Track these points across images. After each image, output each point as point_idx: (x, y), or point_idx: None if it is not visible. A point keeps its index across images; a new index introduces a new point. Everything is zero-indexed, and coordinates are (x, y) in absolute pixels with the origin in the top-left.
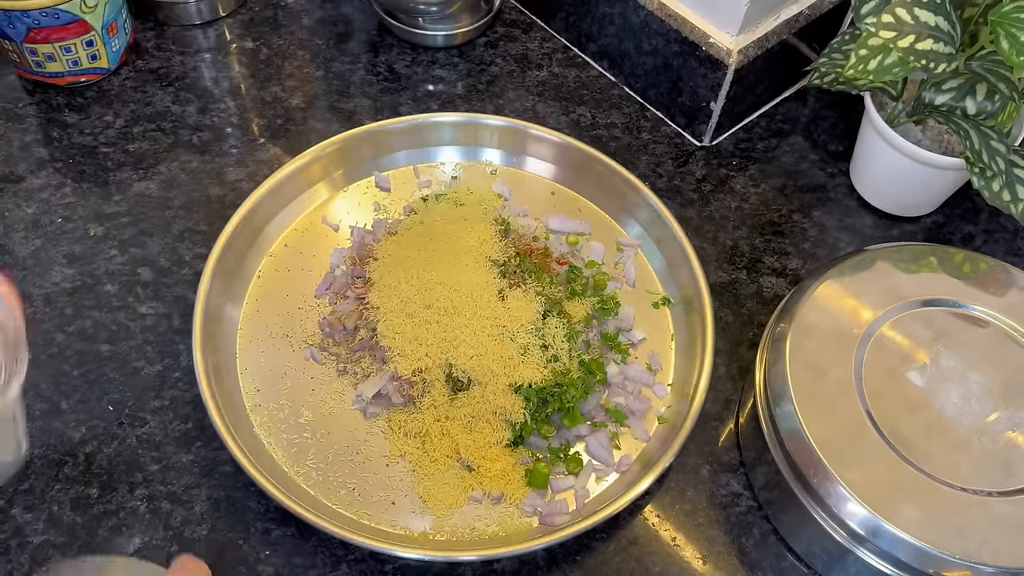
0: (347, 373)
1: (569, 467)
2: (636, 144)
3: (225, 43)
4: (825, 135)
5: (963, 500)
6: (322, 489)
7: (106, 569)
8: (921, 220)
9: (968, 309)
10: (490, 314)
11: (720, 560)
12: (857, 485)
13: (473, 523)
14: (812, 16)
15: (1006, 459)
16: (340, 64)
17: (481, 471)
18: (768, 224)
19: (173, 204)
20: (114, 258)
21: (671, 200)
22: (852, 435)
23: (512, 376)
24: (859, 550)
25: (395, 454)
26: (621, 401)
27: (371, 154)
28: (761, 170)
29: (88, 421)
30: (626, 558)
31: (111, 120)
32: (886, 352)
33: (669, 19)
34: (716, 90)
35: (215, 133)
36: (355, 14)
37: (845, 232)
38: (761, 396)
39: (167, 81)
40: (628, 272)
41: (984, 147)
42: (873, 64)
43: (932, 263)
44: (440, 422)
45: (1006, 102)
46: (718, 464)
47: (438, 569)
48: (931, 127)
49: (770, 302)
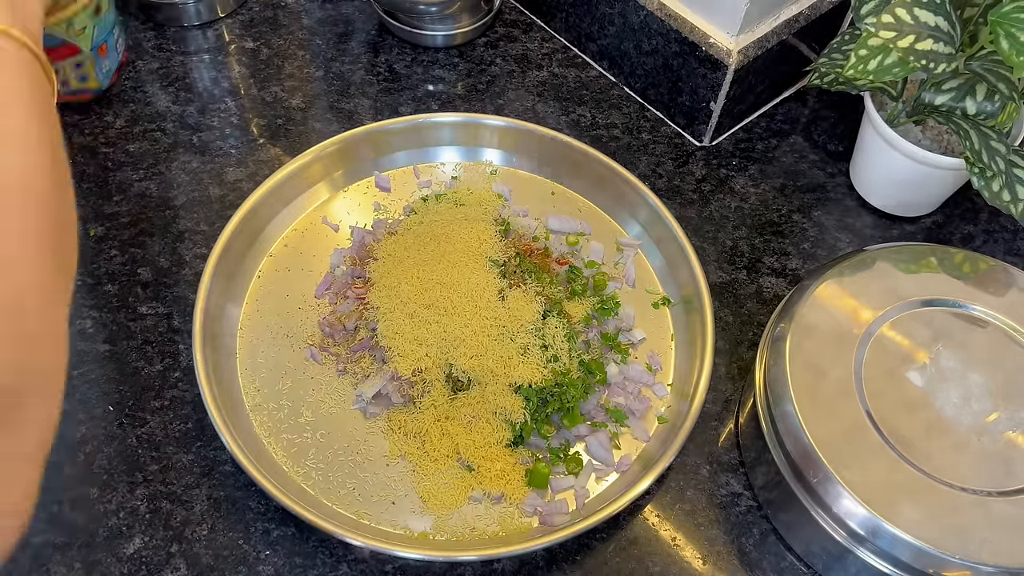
0: (347, 373)
1: (569, 467)
2: (636, 144)
3: (225, 43)
4: (825, 135)
5: (963, 500)
6: (322, 489)
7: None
8: (921, 220)
9: (968, 309)
10: (490, 314)
11: (720, 560)
12: (857, 485)
13: (473, 523)
14: (812, 16)
15: (1006, 459)
16: (340, 64)
17: (481, 471)
18: (768, 224)
19: (173, 204)
20: (114, 258)
21: (671, 200)
22: (852, 435)
23: (512, 376)
24: (859, 550)
25: (395, 454)
26: (621, 401)
27: (371, 154)
28: (761, 170)
29: (88, 421)
30: (626, 558)
31: (111, 120)
32: (886, 352)
33: (669, 19)
34: (716, 90)
35: (215, 133)
36: (355, 14)
37: (845, 232)
38: (761, 396)
39: (167, 81)
40: (628, 272)
41: (984, 147)
42: (873, 64)
43: (932, 263)
44: (440, 422)
45: (1006, 102)
46: (718, 464)
47: (438, 569)
48: (931, 127)
49: (770, 302)
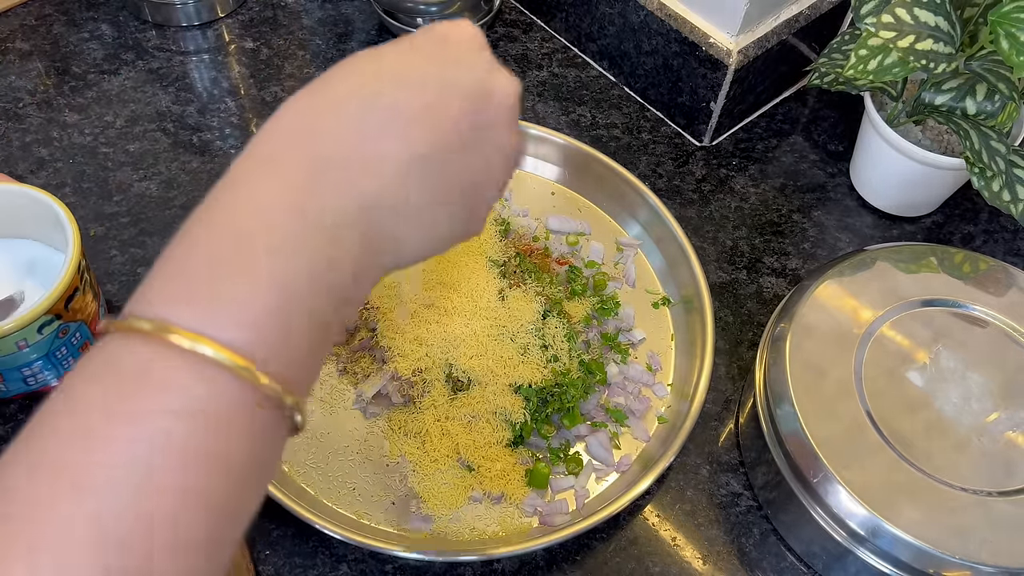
0: (347, 373)
1: (569, 467)
2: (636, 144)
3: (225, 43)
4: (825, 135)
5: (963, 500)
6: (322, 489)
7: None
8: (921, 220)
9: (968, 309)
10: (490, 314)
11: (720, 560)
12: (857, 485)
13: (473, 523)
14: (812, 16)
15: (1006, 459)
16: None
17: (481, 471)
18: (768, 224)
19: (173, 204)
20: (114, 258)
21: (671, 200)
22: (852, 435)
23: (512, 376)
24: (859, 550)
25: (395, 454)
26: (621, 401)
27: None
28: (761, 170)
29: None
30: (626, 558)
31: (111, 120)
32: (886, 352)
33: (669, 19)
34: (716, 90)
35: (215, 133)
36: (355, 14)
37: (845, 232)
38: (761, 396)
39: (167, 81)
40: (628, 272)
41: (984, 147)
42: (873, 64)
43: (932, 263)
44: (440, 422)
45: (1006, 102)
46: (718, 464)
47: (438, 569)
48: (931, 127)
49: (770, 302)
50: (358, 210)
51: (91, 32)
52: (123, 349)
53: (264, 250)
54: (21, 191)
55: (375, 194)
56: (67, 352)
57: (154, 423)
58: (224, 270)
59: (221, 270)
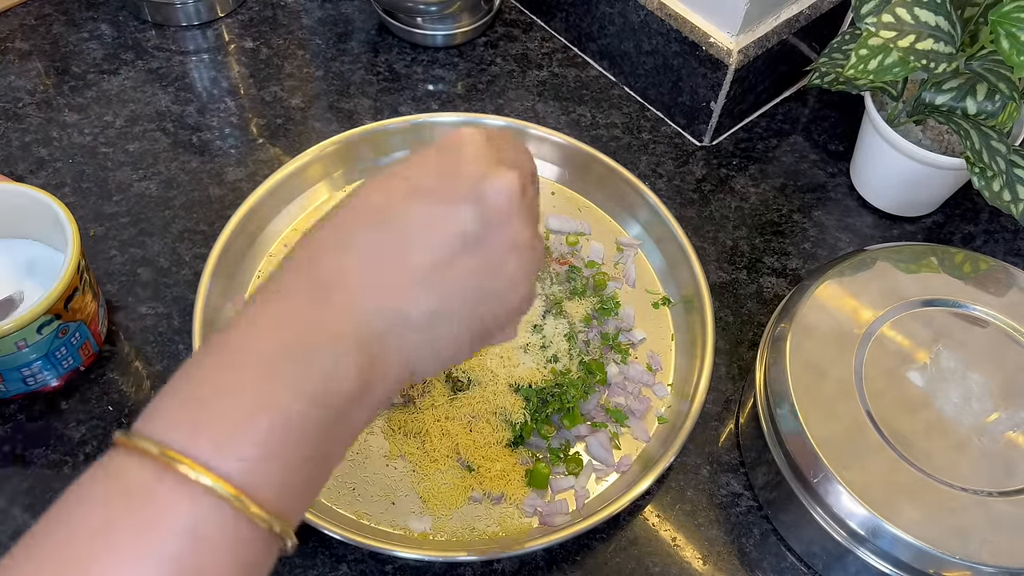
0: None
1: (569, 467)
2: (636, 144)
3: (224, 43)
4: (825, 135)
5: (963, 500)
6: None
7: None
8: (921, 220)
9: (968, 309)
10: None
11: (720, 560)
12: (857, 485)
13: (473, 523)
14: (812, 16)
15: (1006, 459)
16: (340, 64)
17: (481, 471)
18: (768, 224)
19: (173, 204)
20: (114, 258)
21: (671, 200)
22: (852, 435)
23: (512, 376)
24: (859, 550)
25: (395, 454)
26: (621, 401)
27: (371, 154)
28: (761, 170)
29: (88, 421)
30: (626, 558)
31: (111, 120)
32: (886, 352)
33: (669, 19)
34: (716, 90)
35: (215, 133)
36: (355, 14)
37: (845, 232)
38: (761, 396)
39: (167, 81)
40: (628, 272)
41: (984, 147)
42: (873, 64)
43: (932, 263)
44: (440, 422)
45: (1006, 102)
46: (718, 464)
47: (438, 569)
48: (931, 127)
49: (770, 302)
50: (366, 336)
51: (91, 32)
52: (129, 466)
53: (267, 386)
54: (21, 191)
55: (377, 313)
56: (66, 352)
57: (154, 541)
58: (228, 402)
59: (225, 402)
